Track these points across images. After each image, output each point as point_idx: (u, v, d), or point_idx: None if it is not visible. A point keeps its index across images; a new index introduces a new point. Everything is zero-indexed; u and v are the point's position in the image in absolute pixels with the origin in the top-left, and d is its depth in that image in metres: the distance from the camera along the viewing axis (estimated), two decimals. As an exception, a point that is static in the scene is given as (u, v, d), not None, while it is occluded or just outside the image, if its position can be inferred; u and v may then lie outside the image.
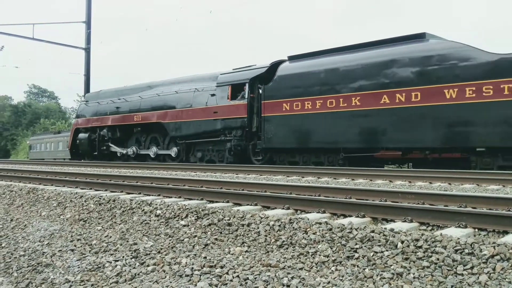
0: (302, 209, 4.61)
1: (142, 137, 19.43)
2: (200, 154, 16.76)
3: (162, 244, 4.03)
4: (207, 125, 16.02)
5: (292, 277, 3.02)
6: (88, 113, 21.83)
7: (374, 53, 12.60)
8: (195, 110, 16.48)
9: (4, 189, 7.39)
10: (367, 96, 12.32)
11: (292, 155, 14.40)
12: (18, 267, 4.10)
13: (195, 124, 16.42)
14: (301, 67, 14.09)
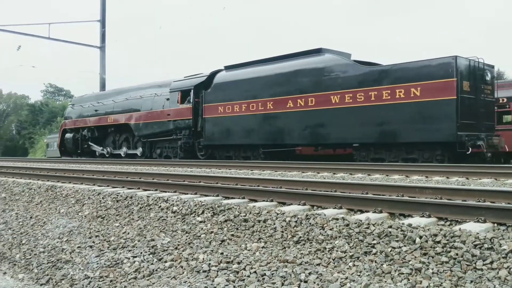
0: (318, 205, 4.60)
1: (116, 136, 21.74)
2: (159, 151, 19.17)
3: (179, 240, 4.06)
4: (163, 125, 18.47)
5: (310, 273, 3.01)
6: (73, 115, 24.48)
7: (284, 65, 14.89)
8: (153, 112, 18.97)
9: (23, 187, 7.50)
10: (277, 101, 14.70)
11: (227, 150, 16.74)
12: (38, 263, 4.17)
13: (154, 125, 18.88)
14: (232, 76, 16.53)
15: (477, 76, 12.02)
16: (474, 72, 11.97)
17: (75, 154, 24.06)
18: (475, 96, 11.87)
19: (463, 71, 11.59)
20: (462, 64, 11.63)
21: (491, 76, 12.57)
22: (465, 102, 11.45)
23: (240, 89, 15.91)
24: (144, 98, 19.76)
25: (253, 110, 15.37)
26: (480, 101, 12.06)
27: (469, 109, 11.55)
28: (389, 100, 12.21)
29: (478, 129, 11.76)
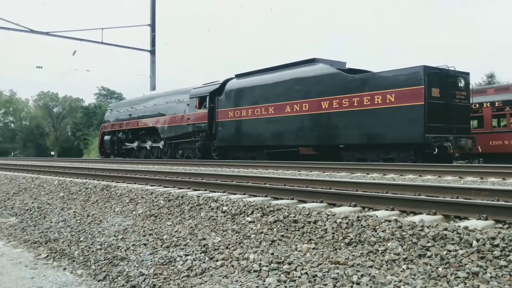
0: (369, 207, 4.53)
1: (146, 138, 23.71)
2: (181, 151, 20.90)
3: (229, 239, 4.11)
4: (184, 128, 20.32)
5: (362, 275, 2.98)
6: (111, 119, 26.95)
7: (283, 74, 16.42)
8: (176, 117, 20.85)
9: (80, 187, 7.82)
10: (277, 106, 16.22)
11: (237, 151, 18.39)
12: (96, 260, 4.33)
13: (176, 128, 20.79)
14: (241, 84, 18.21)
15: (449, 83, 13.07)
16: (445, 80, 13.03)
17: (113, 154, 26.16)
18: (445, 101, 12.85)
19: (432, 79, 12.64)
20: (431, 72, 12.73)
21: (465, 83, 13.53)
22: (434, 107, 12.53)
23: (247, 96, 17.59)
24: (168, 104, 21.63)
25: (258, 115, 17.00)
26: (451, 106, 13.06)
27: (438, 113, 12.62)
28: (369, 105, 13.47)
29: (447, 131, 12.70)
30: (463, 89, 13.48)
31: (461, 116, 13.36)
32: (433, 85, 12.59)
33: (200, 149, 19.31)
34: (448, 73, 13.23)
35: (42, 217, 6.49)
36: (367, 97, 13.49)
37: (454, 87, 13.20)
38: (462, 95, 13.43)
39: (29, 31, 25.91)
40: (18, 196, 8.34)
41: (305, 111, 15.30)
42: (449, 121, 12.89)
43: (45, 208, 6.92)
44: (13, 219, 6.82)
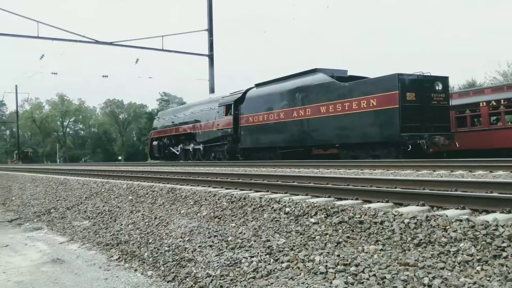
0: (438, 206, 4.36)
1: (185, 143, 26.03)
2: (213, 154, 23.04)
3: (294, 241, 4.10)
4: (214, 133, 22.53)
5: (434, 277, 2.88)
6: (158, 126, 29.74)
7: (291, 83, 18.51)
8: (208, 123, 23.12)
9: (147, 190, 8.09)
10: (286, 112, 18.24)
11: (257, 152, 20.50)
12: (164, 261, 4.46)
13: (209, 133, 23.01)
14: (258, 92, 20.41)
15: (425, 87, 14.56)
16: (420, 84, 14.52)
17: (161, 157, 28.87)
18: (421, 103, 14.30)
19: (407, 85, 14.24)
20: (406, 79, 14.35)
21: (443, 86, 14.86)
22: (408, 109, 14.02)
23: (263, 103, 19.75)
24: (203, 112, 24.00)
25: (271, 119, 19.09)
26: (428, 107, 14.44)
27: (413, 115, 14.08)
28: (357, 109, 15.23)
29: (423, 130, 14.02)
30: (441, 92, 14.86)
31: (439, 116, 14.71)
32: (408, 90, 14.20)
33: (228, 151, 21.59)
34: (424, 78, 14.76)
35: (113, 220, 6.77)
36: (355, 102, 15.36)
37: (431, 90, 14.66)
38: (440, 97, 14.83)
39: (94, 42, 27.15)
40: (90, 200, 8.77)
41: (308, 115, 17.34)
42: (425, 121, 14.27)
43: (115, 211, 7.22)
44: (86, 222, 7.17)
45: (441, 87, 14.84)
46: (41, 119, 78.43)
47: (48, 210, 8.92)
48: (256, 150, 20.50)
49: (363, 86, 15.34)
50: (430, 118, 14.38)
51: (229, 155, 21.52)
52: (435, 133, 14.12)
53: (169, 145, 27.57)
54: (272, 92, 19.40)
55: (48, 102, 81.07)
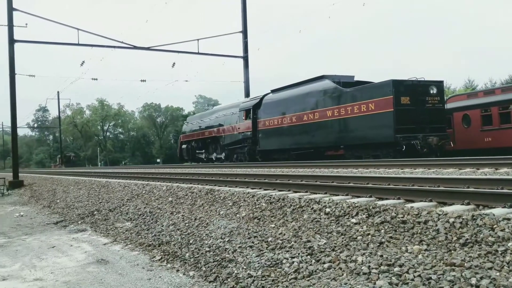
0: (484, 204, 4.22)
1: (211, 145, 27.63)
2: (235, 155, 24.44)
3: (335, 242, 4.05)
4: (236, 136, 23.97)
5: (481, 277, 2.78)
6: (187, 130, 31.52)
7: (301, 89, 19.83)
8: (230, 127, 24.60)
9: (186, 191, 8.20)
10: (297, 116, 19.49)
11: (273, 154, 21.64)
12: (205, 262, 4.50)
13: (231, 136, 24.48)
14: (273, 97, 21.76)
15: (419, 92, 15.52)
16: (415, 89, 15.51)
17: (190, 160, 30.67)
18: (415, 106, 15.25)
19: (401, 90, 15.25)
20: (400, 84, 15.39)
21: (437, 90, 15.85)
22: (402, 113, 15.04)
23: (277, 108, 21.05)
24: (226, 116, 25.55)
25: (285, 123, 20.34)
26: (423, 110, 15.40)
27: (407, 117, 15.05)
28: (358, 113, 16.32)
29: (417, 131, 15.01)
30: (436, 95, 15.81)
31: (433, 118, 15.64)
32: (402, 94, 15.22)
33: (248, 153, 23.04)
34: (419, 83, 15.76)
35: (154, 221, 6.89)
36: (356, 106, 16.48)
37: (425, 94, 15.60)
38: (434, 100, 15.77)
39: (132, 48, 27.71)
40: (131, 202, 8.95)
41: (316, 119, 18.48)
42: (420, 123, 15.20)
43: (156, 212, 7.35)
44: (128, 224, 7.33)
45: (436, 91, 15.87)
46: (82, 124, 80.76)
47: (91, 212, 9.16)
48: (273, 152, 21.76)
49: (363, 92, 16.50)
50: (424, 120, 15.42)
51: (249, 157, 23.01)
52: (429, 134, 15.12)
53: (197, 148, 29.30)
54: (285, 98, 20.79)
55: (89, 107, 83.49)
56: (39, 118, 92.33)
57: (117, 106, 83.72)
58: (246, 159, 23.20)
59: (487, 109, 17.99)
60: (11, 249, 6.36)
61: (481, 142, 17.97)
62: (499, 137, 17.16)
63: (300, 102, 19.51)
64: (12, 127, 22.99)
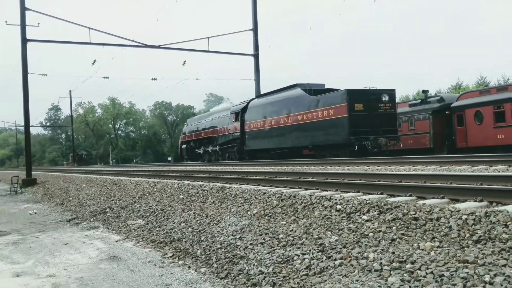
0: (497, 201, 4.18)
1: (207, 145, 29.99)
2: (227, 154, 26.88)
3: (346, 238, 4.04)
4: (227, 137, 26.57)
5: (495, 274, 2.76)
6: (187, 131, 34.41)
7: (279, 95, 22.39)
8: (222, 128, 27.25)
9: (197, 189, 8.22)
10: (275, 120, 21.94)
11: (257, 153, 24.17)
12: (217, 258, 4.52)
13: (223, 137, 27.10)
14: (257, 102, 24.41)
15: (372, 99, 17.78)
16: (368, 97, 17.83)
17: (189, 159, 33.23)
18: (368, 112, 17.53)
19: (355, 98, 17.57)
20: (355, 93, 17.78)
21: (389, 97, 18.06)
22: (356, 118, 17.36)
23: (260, 112, 23.54)
24: (219, 118, 28.03)
25: (265, 126, 22.79)
26: (375, 115, 17.64)
27: (360, 121, 17.34)
28: (321, 117, 18.76)
29: (369, 134, 17.21)
30: (388, 102, 18.02)
31: (385, 122, 17.91)
32: (356, 102, 17.51)
33: (238, 152, 25.38)
34: (372, 92, 18.07)
35: (166, 218, 6.93)
36: (320, 112, 18.89)
37: (378, 101, 17.83)
38: (386, 106, 18.01)
39: (143, 46, 27.81)
40: (143, 200, 9.01)
41: (289, 122, 20.91)
42: (372, 126, 17.43)
43: (168, 210, 7.38)
44: (140, 221, 7.37)
45: (388, 98, 18.11)
46: (94, 122, 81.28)
47: (104, 209, 9.23)
48: (257, 152, 24.23)
49: (325, 99, 18.92)
50: (377, 123, 17.62)
51: (238, 156, 25.39)
52: (379, 135, 17.30)
53: (195, 147, 32.00)
54: (267, 103, 23.36)
55: (100, 105, 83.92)
56: (51, 116, 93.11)
57: (128, 104, 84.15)
58: (236, 158, 25.56)
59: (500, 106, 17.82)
60: (25, 246, 6.44)
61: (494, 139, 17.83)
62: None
63: (277, 107, 22.03)
64: (25, 125, 23.19)
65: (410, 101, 25.20)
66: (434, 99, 21.93)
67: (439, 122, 20.79)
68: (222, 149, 27.31)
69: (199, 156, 31.20)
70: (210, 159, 29.37)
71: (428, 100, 21.92)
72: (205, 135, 29.79)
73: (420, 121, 21.42)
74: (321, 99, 19.04)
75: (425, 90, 22.84)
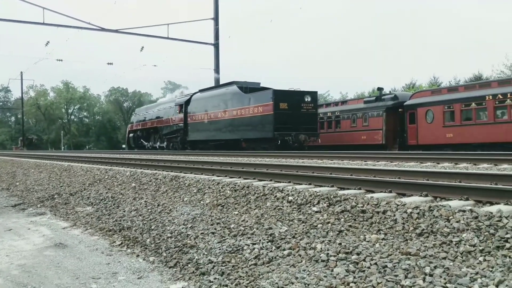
0: (441, 196, 4.34)
1: (153, 135, 32.00)
2: (171, 144, 28.61)
3: (296, 229, 4.10)
4: (171, 128, 28.22)
5: (435, 266, 2.87)
6: (134, 121, 36.20)
7: (218, 91, 24.42)
8: (168, 119, 28.77)
9: (150, 177, 8.10)
10: (214, 113, 23.82)
11: (198, 144, 26.08)
12: (166, 247, 4.48)
13: (168, 127, 28.77)
14: (199, 96, 26.15)
15: (296, 99, 20.07)
16: (292, 97, 20.17)
17: (136, 147, 34.93)
18: (292, 111, 19.67)
19: (280, 97, 19.78)
20: (279, 93, 19.98)
21: (311, 98, 20.49)
22: (280, 115, 19.50)
23: (201, 105, 25.41)
24: (165, 110, 29.67)
25: (205, 119, 24.59)
26: (298, 114, 19.82)
27: (284, 119, 19.45)
28: (252, 113, 20.81)
29: (292, 130, 19.35)
30: (310, 103, 20.34)
31: (307, 120, 20.13)
32: (281, 101, 19.67)
33: (181, 142, 27.12)
34: (296, 92, 20.38)
35: (116, 206, 6.80)
36: (251, 108, 20.86)
37: (301, 101, 20.10)
38: (309, 106, 20.27)
39: (100, 29, 27.07)
40: (93, 187, 8.80)
41: (226, 117, 22.74)
42: (295, 123, 19.53)
43: (118, 198, 7.25)
44: (89, 208, 7.20)
45: (310, 99, 20.32)
46: (45, 106, 78.50)
47: (52, 195, 8.96)
48: (198, 142, 26.13)
49: (256, 97, 20.84)
50: (299, 121, 19.70)
51: (181, 146, 27.21)
52: (300, 132, 19.50)
53: (141, 137, 33.92)
54: (207, 97, 25.14)
55: (53, 89, 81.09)
56: (0, 98, 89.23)
57: (83, 89, 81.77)
58: (179, 148, 27.29)
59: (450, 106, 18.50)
60: (-35, 231, 6.16)
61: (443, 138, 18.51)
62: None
63: (216, 102, 23.80)
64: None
65: (365, 97, 25.78)
66: (388, 97, 22.51)
67: (392, 119, 21.39)
68: (167, 139, 29.05)
69: (146, 145, 33.04)
70: (155, 148, 31.17)
71: (383, 97, 22.48)
72: (152, 125, 31.52)
73: (373, 117, 21.96)
74: (253, 97, 21.03)
75: (380, 88, 23.38)
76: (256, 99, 20.67)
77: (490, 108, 17.10)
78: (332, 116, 24.69)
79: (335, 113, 24.53)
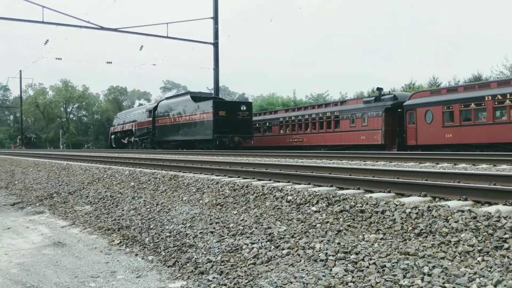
0: (440, 197, 4.35)
1: (129, 136, 36.30)
2: (144, 144, 33.22)
3: (295, 228, 4.10)
4: (143, 130, 33.03)
5: (434, 266, 2.87)
6: (116, 124, 41.13)
7: (179, 99, 29.32)
8: (140, 122, 33.67)
9: (149, 177, 8.10)
10: (174, 118, 28.61)
11: (164, 144, 30.33)
12: (165, 247, 4.47)
13: (141, 130, 33.57)
14: (164, 103, 30.93)
15: (232, 108, 25.26)
16: (230, 106, 25.95)
17: (116, 147, 39.21)
18: (229, 118, 24.47)
19: (218, 106, 24.72)
20: (218, 103, 25.12)
21: (246, 107, 25.61)
22: (219, 121, 24.27)
23: (165, 111, 29.92)
24: (139, 114, 34.39)
25: (168, 122, 29.28)
26: (234, 120, 24.67)
27: (222, 124, 24.24)
28: (199, 119, 25.62)
29: (229, 133, 24.33)
30: (245, 111, 25.29)
31: (242, 125, 25.04)
32: (220, 109, 24.50)
33: (150, 143, 31.75)
34: (233, 102, 28.09)
35: (115, 205, 6.79)
36: (198, 115, 25.69)
37: (238, 110, 25.11)
38: (244, 114, 25.20)
39: (99, 28, 27.05)
40: (92, 186, 8.79)
41: (181, 121, 27.59)
42: (232, 128, 24.41)
43: (117, 197, 7.24)
44: (88, 207, 7.20)
45: (245, 108, 25.38)
46: (44, 105, 78.31)
47: (50, 194, 8.95)
48: (163, 142, 30.44)
49: (202, 105, 25.50)
50: (236, 126, 24.54)
51: (150, 145, 31.92)
52: (235, 135, 24.38)
53: (121, 137, 38.40)
54: (170, 104, 29.75)
55: (52, 87, 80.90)
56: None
57: (82, 88, 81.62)
58: (149, 147, 32.06)
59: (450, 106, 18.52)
60: (-36, 230, 6.15)
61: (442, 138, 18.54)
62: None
63: (176, 108, 28.41)
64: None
65: (365, 98, 25.79)
66: (387, 97, 22.51)
67: (391, 119, 21.40)
68: (140, 140, 33.81)
69: (124, 145, 37.58)
70: (132, 147, 35.67)
71: (382, 98, 22.48)
72: (129, 127, 36.35)
73: (373, 118, 21.97)
74: (200, 105, 25.74)
75: (379, 88, 23.38)
76: (202, 107, 25.51)
77: (489, 108, 17.13)
78: (332, 116, 24.72)
79: (334, 113, 24.58)
